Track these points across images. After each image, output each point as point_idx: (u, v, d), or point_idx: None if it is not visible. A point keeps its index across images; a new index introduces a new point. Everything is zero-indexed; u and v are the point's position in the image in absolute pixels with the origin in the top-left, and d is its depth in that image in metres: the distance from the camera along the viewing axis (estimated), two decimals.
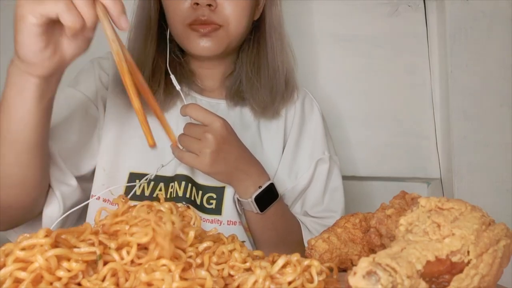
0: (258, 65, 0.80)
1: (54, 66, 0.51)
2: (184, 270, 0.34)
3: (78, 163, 0.71)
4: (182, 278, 0.34)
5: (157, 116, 0.51)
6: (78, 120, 0.72)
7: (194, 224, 0.44)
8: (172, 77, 0.74)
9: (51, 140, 0.63)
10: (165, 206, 0.41)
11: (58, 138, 0.68)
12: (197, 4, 0.70)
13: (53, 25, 0.48)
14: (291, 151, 0.82)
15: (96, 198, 0.71)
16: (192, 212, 0.45)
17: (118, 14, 0.47)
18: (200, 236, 0.42)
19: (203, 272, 0.35)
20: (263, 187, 0.71)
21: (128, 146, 0.74)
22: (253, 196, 0.70)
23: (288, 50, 0.82)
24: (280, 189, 0.76)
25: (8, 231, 0.67)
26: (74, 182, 0.69)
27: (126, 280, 0.34)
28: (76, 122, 0.71)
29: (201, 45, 0.73)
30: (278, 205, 0.74)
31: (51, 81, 0.53)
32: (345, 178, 0.88)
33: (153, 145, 0.45)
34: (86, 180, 0.72)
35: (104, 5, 0.47)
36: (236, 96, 0.80)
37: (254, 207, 0.71)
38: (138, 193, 0.72)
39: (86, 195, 0.72)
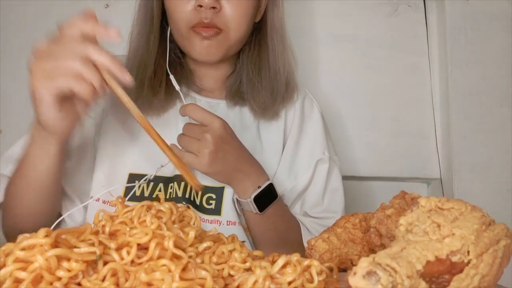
0: (259, 66, 0.80)
1: (71, 127, 0.57)
2: (184, 270, 0.34)
3: (81, 185, 0.73)
4: (182, 278, 0.34)
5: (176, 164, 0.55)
6: (75, 139, 0.72)
7: (194, 224, 0.44)
8: (172, 77, 0.74)
9: None
10: (165, 206, 0.41)
11: None
12: (201, 6, 0.70)
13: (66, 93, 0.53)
14: (291, 151, 0.82)
15: (96, 200, 0.71)
16: (192, 212, 0.45)
17: (119, 71, 0.51)
18: (200, 236, 0.42)
19: (203, 272, 0.35)
20: (262, 187, 0.71)
21: (127, 148, 0.74)
22: (252, 196, 0.70)
23: (289, 52, 0.82)
24: (279, 189, 0.76)
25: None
26: (80, 212, 0.72)
27: (126, 280, 0.34)
28: (74, 141, 0.72)
29: (202, 51, 0.73)
30: (277, 205, 0.74)
31: (68, 136, 0.59)
32: (345, 178, 0.88)
33: (201, 189, 0.56)
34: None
35: (106, 67, 0.51)
36: (236, 96, 0.80)
37: (253, 207, 0.71)
38: (137, 194, 0.72)
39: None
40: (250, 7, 0.74)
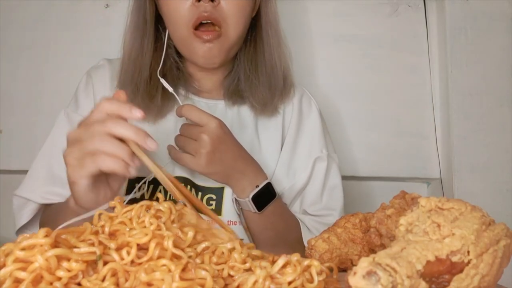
0: (255, 62, 0.80)
1: (106, 199, 0.57)
2: (184, 270, 0.34)
3: None
4: (182, 278, 0.34)
5: (212, 217, 0.56)
6: None
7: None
8: (163, 80, 0.74)
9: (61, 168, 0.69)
10: (164, 206, 0.41)
11: None
12: (199, 1, 0.70)
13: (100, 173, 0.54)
14: (289, 149, 0.82)
15: None
16: (188, 209, 0.45)
17: (143, 140, 0.51)
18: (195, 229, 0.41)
19: (203, 272, 0.35)
20: (260, 186, 0.71)
21: None
22: (250, 196, 0.70)
23: (284, 46, 0.82)
24: (278, 188, 0.76)
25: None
26: None
27: (126, 280, 0.34)
28: None
29: (204, 55, 0.73)
30: (276, 204, 0.74)
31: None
32: (345, 178, 0.87)
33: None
34: None
35: (130, 138, 0.52)
36: (235, 94, 0.80)
37: (251, 207, 0.71)
38: (138, 196, 0.72)
39: None
40: (247, 4, 0.74)
